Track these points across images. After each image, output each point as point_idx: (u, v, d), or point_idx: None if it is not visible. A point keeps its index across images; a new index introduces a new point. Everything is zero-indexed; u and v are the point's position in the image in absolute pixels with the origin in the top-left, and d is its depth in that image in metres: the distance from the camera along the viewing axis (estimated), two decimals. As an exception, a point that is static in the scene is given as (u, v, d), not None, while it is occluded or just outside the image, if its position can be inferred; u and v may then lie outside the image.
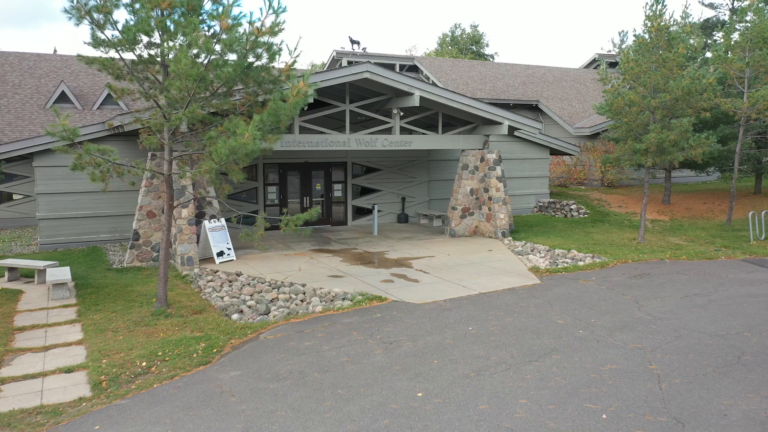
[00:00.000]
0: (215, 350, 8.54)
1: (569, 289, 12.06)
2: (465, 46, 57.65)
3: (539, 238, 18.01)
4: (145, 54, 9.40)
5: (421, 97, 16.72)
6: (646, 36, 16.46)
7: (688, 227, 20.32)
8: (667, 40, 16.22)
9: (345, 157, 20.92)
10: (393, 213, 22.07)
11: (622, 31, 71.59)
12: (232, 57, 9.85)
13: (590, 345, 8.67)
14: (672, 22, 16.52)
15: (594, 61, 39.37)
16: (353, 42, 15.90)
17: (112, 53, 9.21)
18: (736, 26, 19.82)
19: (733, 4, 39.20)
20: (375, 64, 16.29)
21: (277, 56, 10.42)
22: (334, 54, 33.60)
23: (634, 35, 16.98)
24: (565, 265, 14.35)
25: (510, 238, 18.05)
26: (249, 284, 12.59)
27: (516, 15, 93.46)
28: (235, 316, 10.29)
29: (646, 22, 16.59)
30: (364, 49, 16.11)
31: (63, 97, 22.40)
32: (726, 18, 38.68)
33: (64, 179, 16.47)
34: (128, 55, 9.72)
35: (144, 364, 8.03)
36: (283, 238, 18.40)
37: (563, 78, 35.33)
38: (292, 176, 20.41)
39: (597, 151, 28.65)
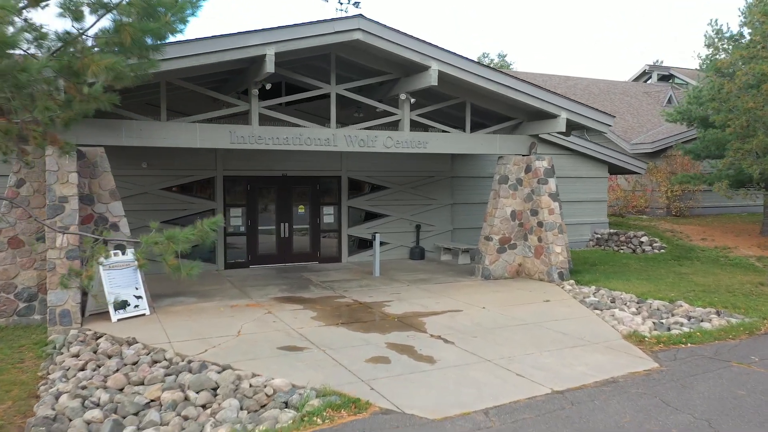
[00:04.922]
0: None
1: (725, 383, 6.28)
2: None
3: (614, 282, 12.26)
4: None
5: (440, 72, 11.32)
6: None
7: (815, 267, 14.44)
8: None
9: (339, 168, 15.50)
10: (404, 246, 16.47)
11: (656, 61, 66.37)
12: None
13: None
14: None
15: (644, 73, 33.90)
16: (342, -6, 10.91)
17: None
18: None
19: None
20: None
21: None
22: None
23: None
24: (682, 329, 8.59)
25: (572, 281, 12.31)
26: (134, 363, 7.09)
27: (541, 43, 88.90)
28: (28, 457, 4.75)
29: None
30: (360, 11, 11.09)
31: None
32: None
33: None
34: None
35: None
36: (243, 279, 12.92)
37: (611, 90, 29.86)
38: (265, 195, 15.02)
39: (661, 171, 22.90)
